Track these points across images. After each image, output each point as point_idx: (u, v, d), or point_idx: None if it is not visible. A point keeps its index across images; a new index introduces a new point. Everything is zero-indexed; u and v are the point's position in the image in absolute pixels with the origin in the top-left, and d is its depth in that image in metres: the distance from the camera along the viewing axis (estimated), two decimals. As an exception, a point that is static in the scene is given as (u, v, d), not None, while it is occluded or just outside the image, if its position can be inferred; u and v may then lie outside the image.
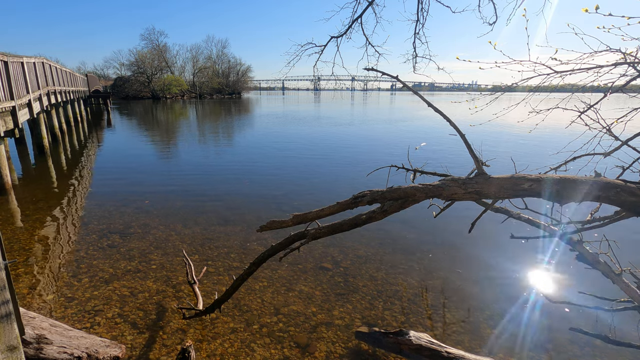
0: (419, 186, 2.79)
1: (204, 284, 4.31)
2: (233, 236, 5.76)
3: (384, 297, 4.17)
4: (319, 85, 65.75)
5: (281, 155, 12.90)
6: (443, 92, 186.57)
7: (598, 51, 2.46)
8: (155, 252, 5.16)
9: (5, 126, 7.98)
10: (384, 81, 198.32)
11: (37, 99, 11.30)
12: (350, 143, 15.82)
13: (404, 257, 5.12)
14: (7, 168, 7.96)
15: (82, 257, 4.98)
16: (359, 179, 9.39)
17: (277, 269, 4.73)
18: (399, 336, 3.25)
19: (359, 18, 5.37)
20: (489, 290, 4.31)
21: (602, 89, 2.65)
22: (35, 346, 2.78)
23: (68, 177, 9.65)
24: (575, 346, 3.39)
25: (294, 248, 3.14)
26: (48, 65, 14.13)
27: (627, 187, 2.48)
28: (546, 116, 3.13)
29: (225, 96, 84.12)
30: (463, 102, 3.71)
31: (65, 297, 4.02)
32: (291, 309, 3.91)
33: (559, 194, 2.55)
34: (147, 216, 6.57)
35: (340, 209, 2.86)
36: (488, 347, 3.39)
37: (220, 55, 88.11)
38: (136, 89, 72.61)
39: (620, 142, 2.89)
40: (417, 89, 3.41)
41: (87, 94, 32.73)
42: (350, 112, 37.92)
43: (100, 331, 3.48)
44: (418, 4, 5.03)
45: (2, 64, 7.91)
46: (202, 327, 3.59)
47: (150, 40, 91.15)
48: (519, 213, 3.67)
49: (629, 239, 5.52)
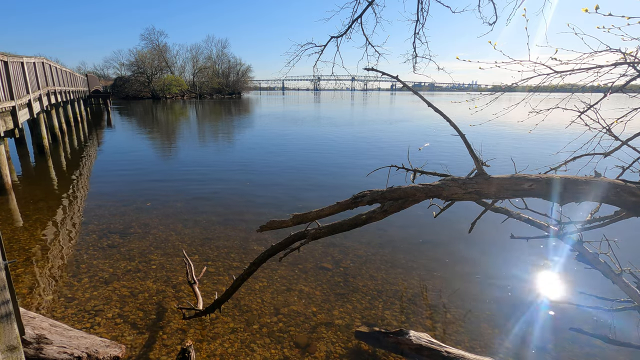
0: (419, 186, 2.79)
1: (204, 284, 4.31)
2: (233, 236, 5.76)
3: (384, 297, 4.17)
4: (319, 85, 65.72)
5: (281, 155, 12.90)
6: (443, 92, 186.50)
7: (598, 51, 2.46)
8: (155, 252, 5.16)
9: (5, 126, 7.98)
10: (384, 81, 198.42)
11: (37, 99, 11.30)
12: (350, 143, 15.81)
13: (404, 257, 5.12)
14: (7, 168, 7.96)
15: (82, 257, 4.98)
16: (359, 179, 9.39)
17: (277, 269, 4.73)
18: (399, 336, 3.25)
19: (359, 18, 5.37)
20: (489, 290, 4.31)
21: (602, 89, 2.65)
22: (35, 346, 2.78)
23: (68, 177, 9.65)
24: (575, 346, 3.39)
25: (294, 248, 3.14)
26: (48, 65, 14.13)
27: (627, 187, 2.48)
28: (546, 116, 3.13)
29: (225, 96, 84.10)
30: (463, 102, 3.70)
31: (65, 297, 4.02)
32: (291, 309, 3.91)
33: (559, 194, 2.55)
34: (147, 216, 6.57)
35: (340, 209, 2.86)
36: (488, 347, 3.39)
37: (220, 55, 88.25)
38: (136, 89, 72.62)
39: (620, 142, 2.89)
40: (417, 89, 3.41)
41: (87, 94, 32.72)
42: (350, 112, 37.92)
43: (100, 331, 3.48)
44: (418, 4, 5.04)
45: (2, 64, 7.91)
46: (202, 327, 3.59)
47: (150, 40, 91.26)
48: (519, 213, 3.67)
49: (629, 239, 5.52)
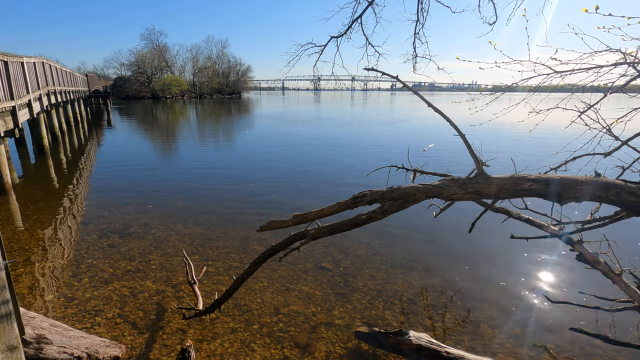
0: (419, 186, 2.79)
1: (204, 284, 4.31)
2: (233, 236, 5.76)
3: (384, 297, 4.17)
4: (319, 85, 65.69)
5: (281, 155, 12.90)
6: (443, 92, 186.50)
7: (598, 51, 2.46)
8: (155, 252, 5.16)
9: (5, 126, 7.98)
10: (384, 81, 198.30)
11: (37, 99, 11.30)
12: (350, 143, 15.81)
13: (404, 257, 5.12)
14: (7, 168, 7.96)
15: (82, 257, 4.98)
16: (359, 179, 9.39)
17: (277, 269, 4.73)
18: (398, 336, 3.25)
19: (359, 18, 5.37)
20: (489, 290, 4.31)
21: (602, 89, 2.65)
22: (35, 346, 2.78)
23: (68, 177, 9.65)
24: (575, 346, 3.39)
25: (294, 248, 3.14)
26: (48, 65, 14.13)
27: (627, 187, 2.48)
28: (546, 116, 3.13)
29: (225, 96, 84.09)
30: (463, 102, 3.70)
31: (65, 297, 4.02)
32: (291, 309, 3.91)
33: (559, 194, 2.55)
34: (147, 216, 6.57)
35: (340, 209, 2.86)
36: (488, 347, 3.39)
37: (220, 55, 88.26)
38: (136, 89, 72.63)
39: (620, 142, 2.89)
40: (417, 89, 3.41)
41: (87, 94, 32.72)
42: (350, 112, 37.92)
43: (100, 331, 3.48)
44: (418, 4, 5.04)
45: (2, 64, 7.92)
46: (202, 327, 3.59)
47: (150, 40, 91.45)
48: (519, 213, 3.66)
49: (629, 239, 5.52)
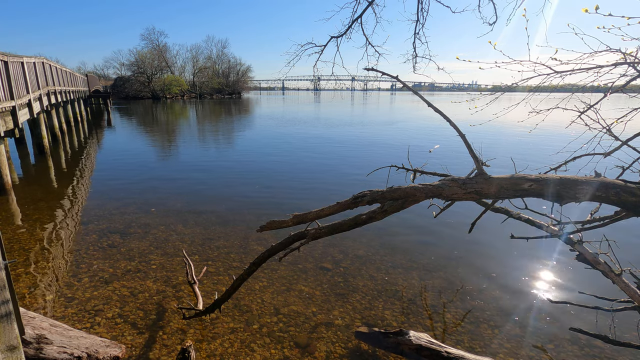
0: (419, 186, 2.79)
1: (204, 284, 4.31)
2: (233, 236, 5.77)
3: (384, 297, 4.17)
4: (319, 85, 65.72)
5: (281, 155, 12.90)
6: (443, 92, 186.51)
7: (598, 51, 2.46)
8: (155, 252, 5.16)
9: (5, 126, 7.98)
10: (384, 81, 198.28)
11: (37, 98, 11.29)
12: (350, 143, 15.81)
13: (404, 257, 5.12)
14: (7, 168, 7.96)
15: (82, 257, 4.98)
16: (359, 179, 9.39)
17: (277, 269, 4.73)
18: (398, 336, 3.25)
19: (359, 18, 5.36)
20: (489, 290, 4.31)
21: (602, 89, 2.65)
22: (35, 346, 2.78)
23: (68, 177, 9.65)
24: (575, 346, 3.39)
25: (294, 248, 3.14)
26: (48, 65, 14.13)
27: (627, 187, 2.48)
28: (546, 116, 3.12)
29: (225, 96, 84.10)
30: (463, 102, 3.70)
31: (65, 297, 4.02)
32: (291, 309, 3.91)
33: (559, 194, 2.55)
34: (147, 216, 6.57)
35: (340, 209, 2.86)
36: (488, 347, 3.39)
37: (220, 55, 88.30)
38: (136, 89, 72.62)
39: (620, 142, 2.89)
40: (417, 89, 3.41)
41: (87, 94, 32.71)
42: (350, 112, 37.92)
43: (100, 331, 3.48)
44: (418, 4, 5.03)
45: (2, 64, 7.91)
46: (202, 327, 3.59)
47: (150, 40, 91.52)
48: (519, 213, 3.66)
49: (629, 239, 5.52)
